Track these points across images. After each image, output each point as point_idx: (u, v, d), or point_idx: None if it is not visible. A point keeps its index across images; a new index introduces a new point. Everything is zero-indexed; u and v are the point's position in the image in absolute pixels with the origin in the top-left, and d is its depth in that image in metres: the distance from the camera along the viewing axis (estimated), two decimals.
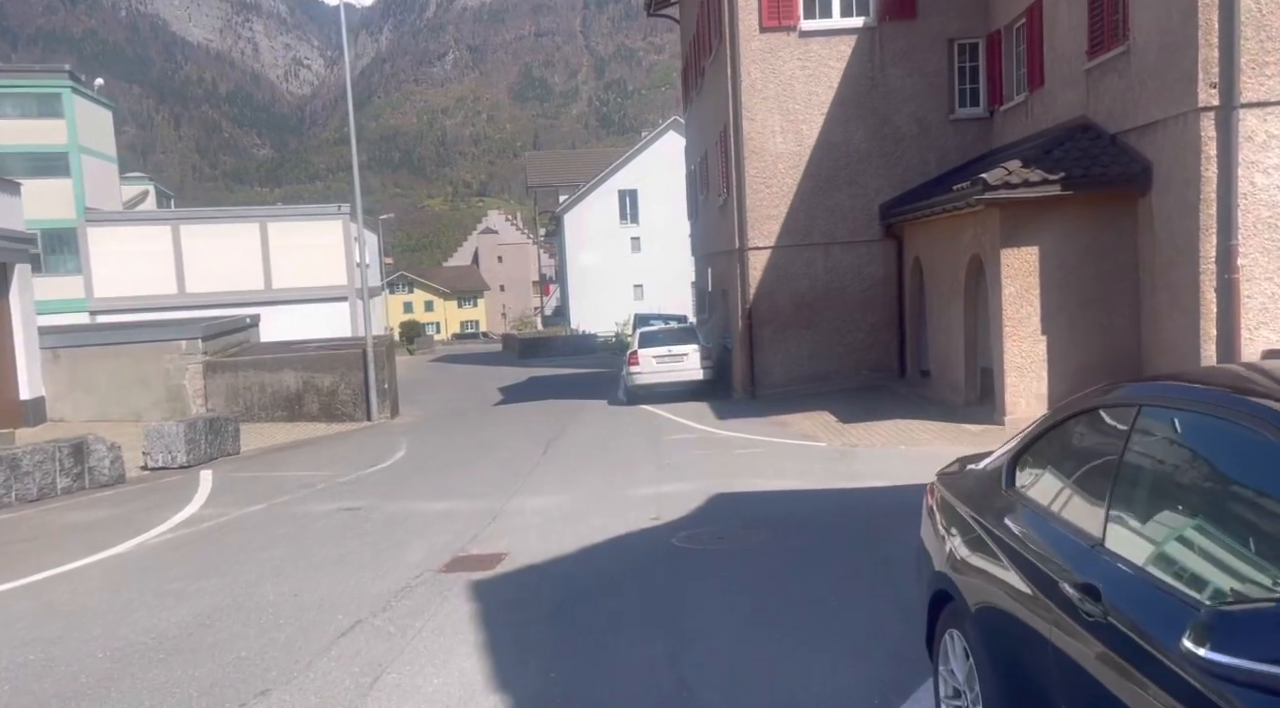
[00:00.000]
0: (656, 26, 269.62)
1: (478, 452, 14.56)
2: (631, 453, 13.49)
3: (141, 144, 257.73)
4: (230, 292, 41.27)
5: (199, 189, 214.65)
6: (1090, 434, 3.29)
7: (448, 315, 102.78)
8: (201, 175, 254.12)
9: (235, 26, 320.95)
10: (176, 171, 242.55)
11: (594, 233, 57.38)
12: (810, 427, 15.38)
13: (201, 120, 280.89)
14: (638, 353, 20.91)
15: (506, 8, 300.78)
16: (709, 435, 15.11)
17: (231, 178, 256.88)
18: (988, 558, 3.34)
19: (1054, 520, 3.11)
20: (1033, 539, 3.12)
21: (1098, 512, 2.87)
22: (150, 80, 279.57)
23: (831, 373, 19.62)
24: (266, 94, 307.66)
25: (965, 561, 3.51)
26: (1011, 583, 3.10)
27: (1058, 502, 3.20)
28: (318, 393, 20.21)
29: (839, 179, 19.27)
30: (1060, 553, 2.92)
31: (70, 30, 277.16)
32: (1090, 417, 3.33)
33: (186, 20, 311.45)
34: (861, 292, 19.53)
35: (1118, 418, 3.09)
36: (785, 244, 19.39)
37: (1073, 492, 3.15)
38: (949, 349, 16.25)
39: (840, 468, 11.42)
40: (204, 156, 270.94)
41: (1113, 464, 2.90)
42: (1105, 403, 3.27)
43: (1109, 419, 3.18)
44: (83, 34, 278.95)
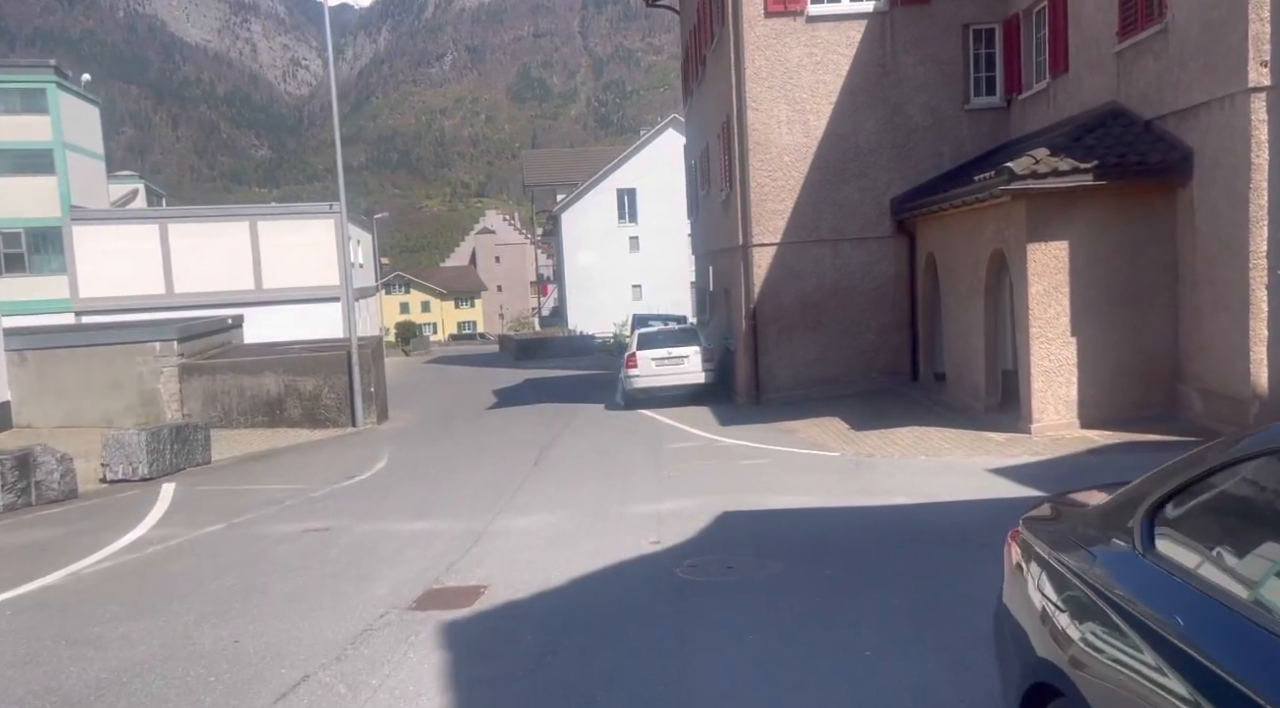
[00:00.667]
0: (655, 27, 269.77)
1: (465, 462, 13.58)
2: (629, 463, 12.51)
3: (139, 145, 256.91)
4: (220, 292, 40.33)
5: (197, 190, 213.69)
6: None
7: (445, 316, 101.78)
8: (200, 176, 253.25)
9: (233, 27, 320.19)
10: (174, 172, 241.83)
11: (592, 232, 56.44)
12: (820, 434, 14.39)
13: (199, 121, 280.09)
14: (636, 355, 19.92)
15: (505, 8, 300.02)
16: (712, 444, 14.13)
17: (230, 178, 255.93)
18: (1131, 656, 2.34)
19: (1245, 611, 2.12)
20: (1210, 639, 2.13)
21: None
22: (148, 81, 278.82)
23: (840, 377, 18.64)
24: (265, 95, 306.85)
25: (1090, 653, 2.52)
26: (1178, 701, 2.11)
27: (1242, 584, 2.20)
28: (300, 397, 19.23)
29: (848, 172, 18.30)
30: (1263, 667, 1.94)
31: (68, 31, 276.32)
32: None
33: (184, 21, 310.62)
34: (872, 291, 18.55)
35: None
36: (791, 240, 18.41)
37: (1268, 572, 2.16)
38: (967, 352, 15.27)
39: (857, 481, 10.43)
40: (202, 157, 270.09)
41: None
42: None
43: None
44: (81, 34, 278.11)
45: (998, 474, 10.30)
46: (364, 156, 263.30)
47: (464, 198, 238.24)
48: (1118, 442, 11.66)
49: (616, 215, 57.27)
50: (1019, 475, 10.12)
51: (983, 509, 8.84)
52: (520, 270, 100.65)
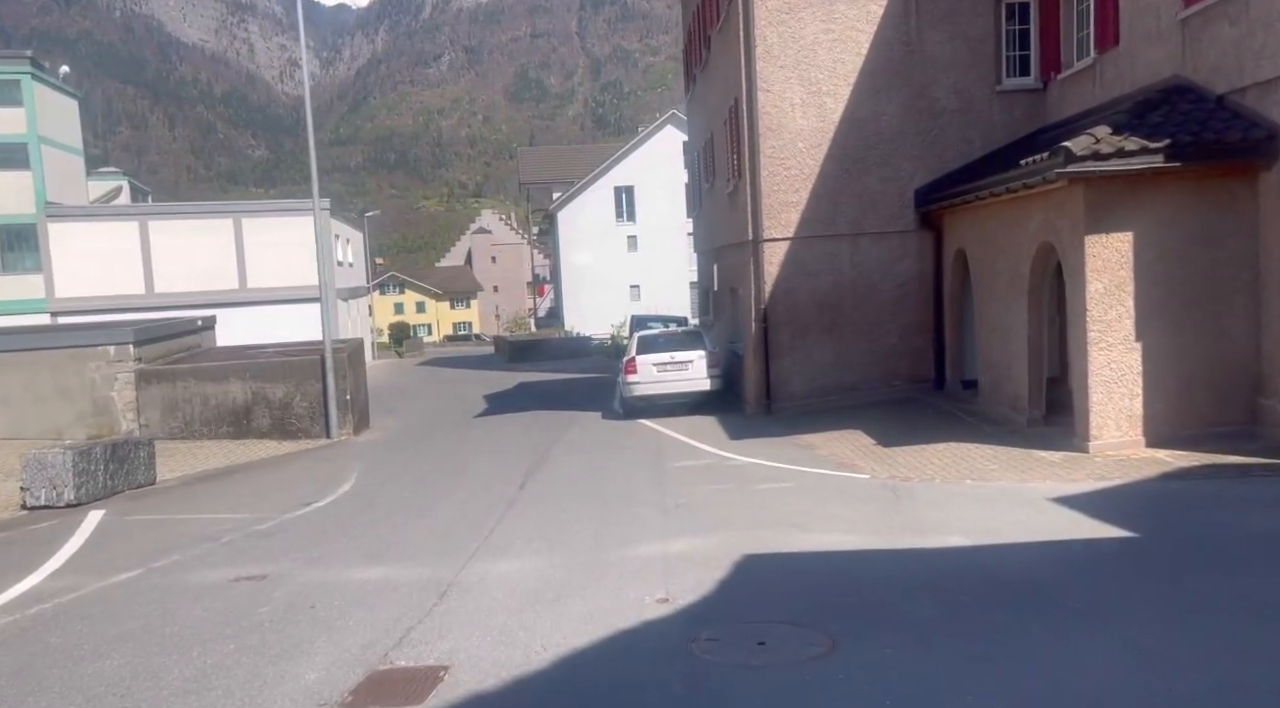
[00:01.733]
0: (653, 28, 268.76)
1: (442, 483, 11.96)
2: (630, 487, 10.90)
3: (136, 145, 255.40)
4: (202, 292, 38.74)
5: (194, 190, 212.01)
6: None
7: (440, 317, 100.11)
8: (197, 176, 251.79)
9: (230, 27, 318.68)
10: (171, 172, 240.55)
11: (589, 231, 54.88)
12: (843, 451, 12.79)
13: (196, 121, 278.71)
14: (635, 359, 18.29)
15: (502, 9, 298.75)
16: (723, 462, 12.52)
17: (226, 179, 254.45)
18: None
19: None
20: None
21: None
22: (145, 81, 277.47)
23: (858, 384, 17.04)
24: (262, 95, 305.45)
25: None
26: None
27: None
28: (269, 406, 17.60)
29: (868, 160, 16.70)
30: None
31: (65, 31, 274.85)
32: None
33: (181, 21, 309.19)
34: (893, 290, 16.95)
35: None
36: (806, 235, 16.80)
37: None
38: (1006, 357, 13.67)
39: (900, 513, 8.83)
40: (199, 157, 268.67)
41: None
42: None
43: None
44: (77, 35, 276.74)
45: (1063, 505, 8.70)
46: (361, 157, 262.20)
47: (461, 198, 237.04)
48: (1194, 465, 10.06)
49: (614, 214, 55.71)
50: (1089, 507, 8.52)
51: (1060, 554, 7.25)
52: (517, 271, 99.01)
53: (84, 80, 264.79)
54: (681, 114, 60.17)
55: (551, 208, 57.35)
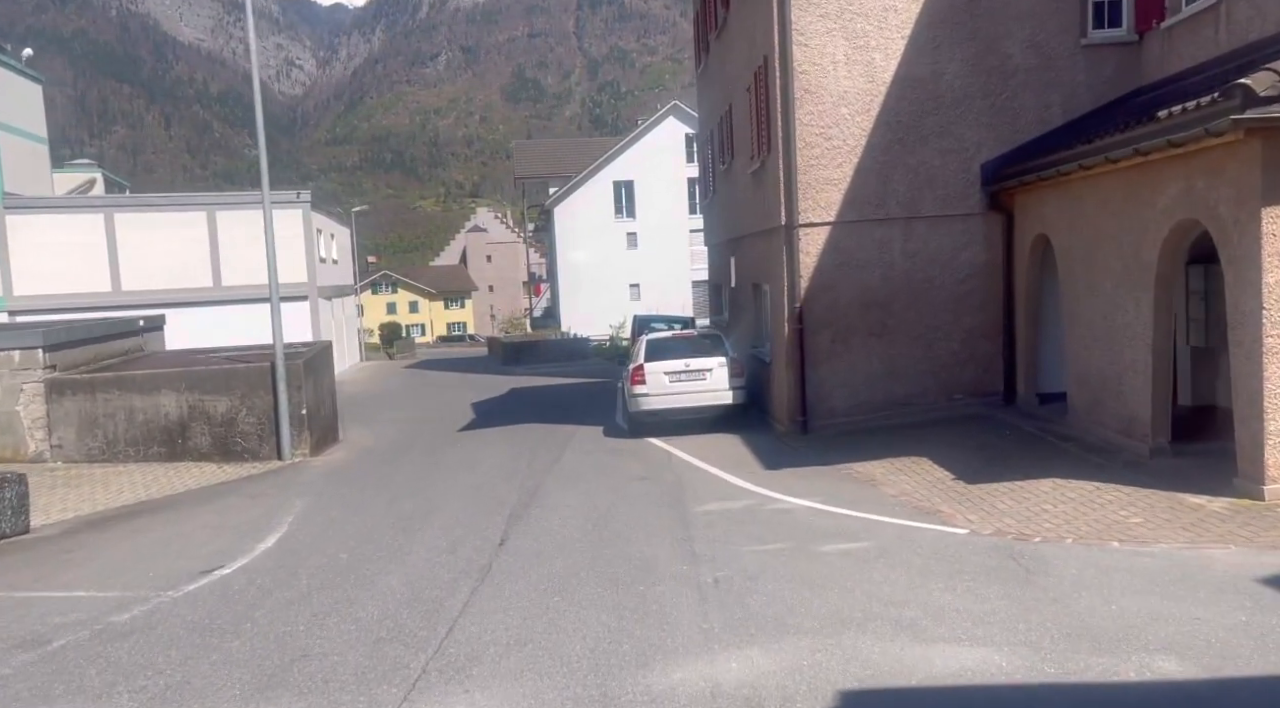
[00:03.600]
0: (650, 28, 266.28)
1: (398, 535, 9.12)
2: (646, 547, 8.07)
3: (132, 144, 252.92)
4: (173, 289, 35.98)
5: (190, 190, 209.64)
6: None
7: (434, 317, 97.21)
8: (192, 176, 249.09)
9: (226, 26, 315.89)
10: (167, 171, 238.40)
11: (587, 228, 52.14)
12: (916, 488, 9.99)
13: (192, 120, 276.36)
14: (644, 368, 15.45)
15: (499, 8, 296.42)
16: (763, 504, 9.69)
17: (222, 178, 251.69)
18: None
19: None
20: None
21: None
22: (141, 80, 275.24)
23: (912, 398, 14.24)
24: None
25: None
26: None
27: None
28: (209, 422, 14.77)
29: (925, 129, 13.91)
30: None
31: (60, 29, 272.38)
32: None
33: (177, 20, 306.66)
34: (954, 285, 14.15)
35: None
36: (850, 219, 14.01)
37: None
38: (1114, 368, 10.86)
39: (1046, 603, 6.02)
40: (195, 157, 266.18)
41: None
42: None
43: None
44: (73, 33, 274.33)
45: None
46: (357, 156, 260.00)
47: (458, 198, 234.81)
48: None
49: (613, 210, 52.96)
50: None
51: None
52: (512, 270, 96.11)
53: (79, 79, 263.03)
54: (684, 106, 57.46)
55: (548, 203, 54.54)
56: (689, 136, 53.17)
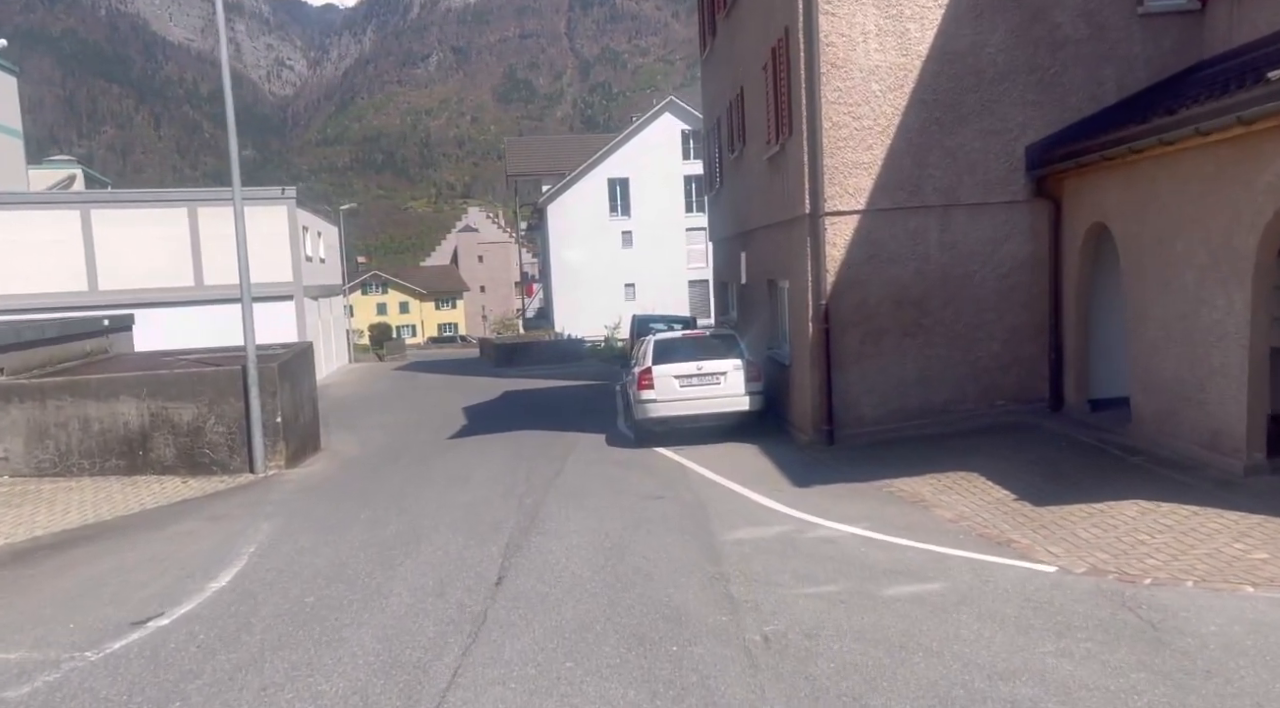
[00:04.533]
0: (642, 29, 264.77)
1: (371, 575, 7.70)
2: (673, 589, 6.71)
3: (121, 144, 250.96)
4: (152, 289, 34.51)
5: None
6: None
7: (425, 317, 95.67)
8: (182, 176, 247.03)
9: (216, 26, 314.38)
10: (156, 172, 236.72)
11: (580, 226, 50.81)
12: (975, 511, 8.66)
13: (182, 121, 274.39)
14: (652, 371, 14.09)
15: (491, 9, 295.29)
16: (803, 531, 8.33)
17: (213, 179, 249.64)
18: None
19: None
20: None
21: None
22: (130, 80, 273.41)
23: (949, 404, 12.91)
24: (249, 95, 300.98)
25: None
26: None
27: None
28: (173, 431, 13.36)
29: (965, 107, 12.60)
30: None
31: (49, 29, 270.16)
32: None
33: (167, 20, 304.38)
34: (996, 280, 12.84)
35: None
36: (881, 207, 12.68)
37: None
38: (1195, 372, 9.54)
39: (1197, 679, 4.69)
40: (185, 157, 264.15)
41: None
42: None
43: None
44: (61, 32, 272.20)
45: None
46: (348, 157, 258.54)
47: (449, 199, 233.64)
48: None
49: (607, 208, 51.64)
50: None
51: None
52: (504, 270, 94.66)
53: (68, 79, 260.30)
54: (680, 101, 56.11)
55: (540, 201, 53.18)
56: (685, 133, 51.89)
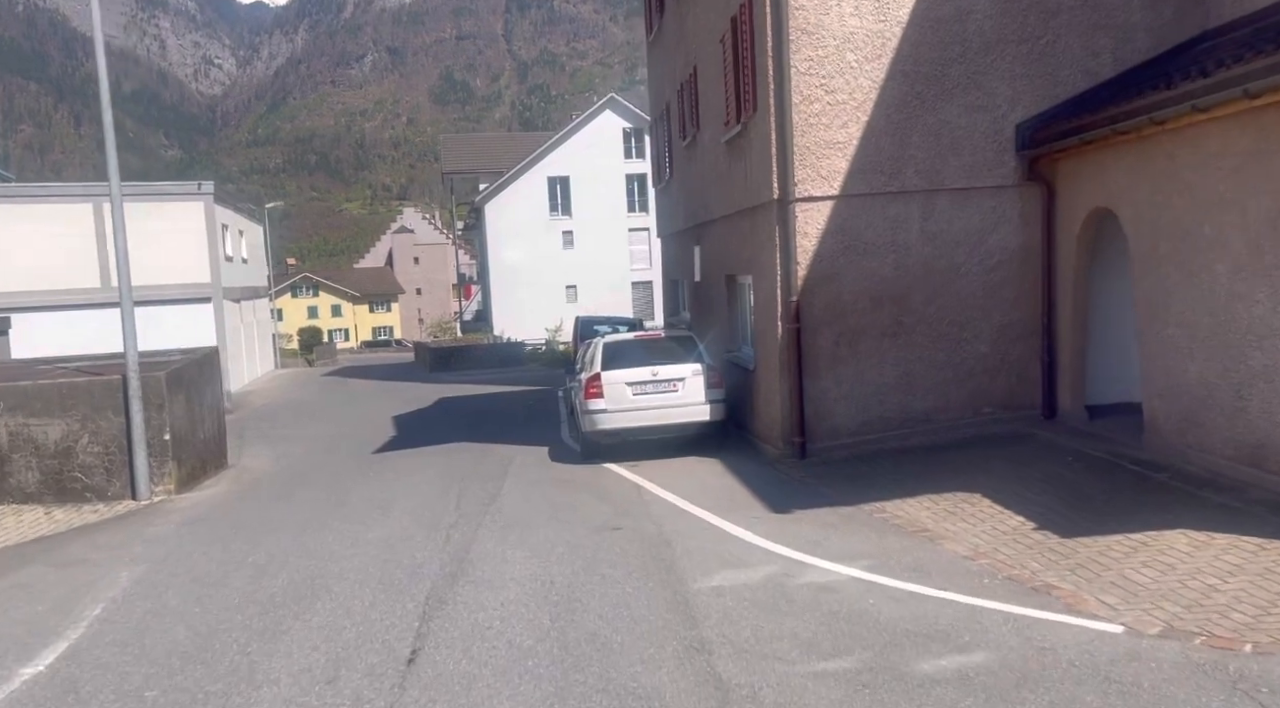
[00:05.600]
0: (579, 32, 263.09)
1: (245, 650, 6.00)
2: (640, 668, 5.16)
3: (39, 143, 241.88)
4: (54, 291, 31.95)
5: None
6: None
7: (358, 321, 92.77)
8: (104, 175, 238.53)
9: (140, 23, 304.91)
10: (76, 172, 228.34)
11: (520, 225, 49.01)
12: (990, 543, 7.26)
13: None
14: (601, 377, 12.52)
15: (426, 10, 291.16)
16: (792, 573, 6.85)
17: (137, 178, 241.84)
18: None
19: None
20: None
21: None
22: (49, 77, 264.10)
23: (933, 413, 11.56)
24: (175, 93, 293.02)
25: None
26: None
27: None
28: (36, 452, 11.43)
29: (949, 80, 11.27)
30: None
31: None
32: None
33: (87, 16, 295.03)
34: (983, 274, 11.53)
35: None
36: (858, 191, 11.29)
37: None
38: (1229, 376, 8.27)
39: None
40: None
41: None
42: None
43: None
44: None
45: None
46: (280, 158, 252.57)
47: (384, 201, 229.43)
48: None
49: (548, 207, 49.93)
50: None
51: None
52: (441, 272, 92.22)
53: None
54: (621, 98, 54.61)
55: (478, 201, 51.26)
56: (627, 131, 50.40)
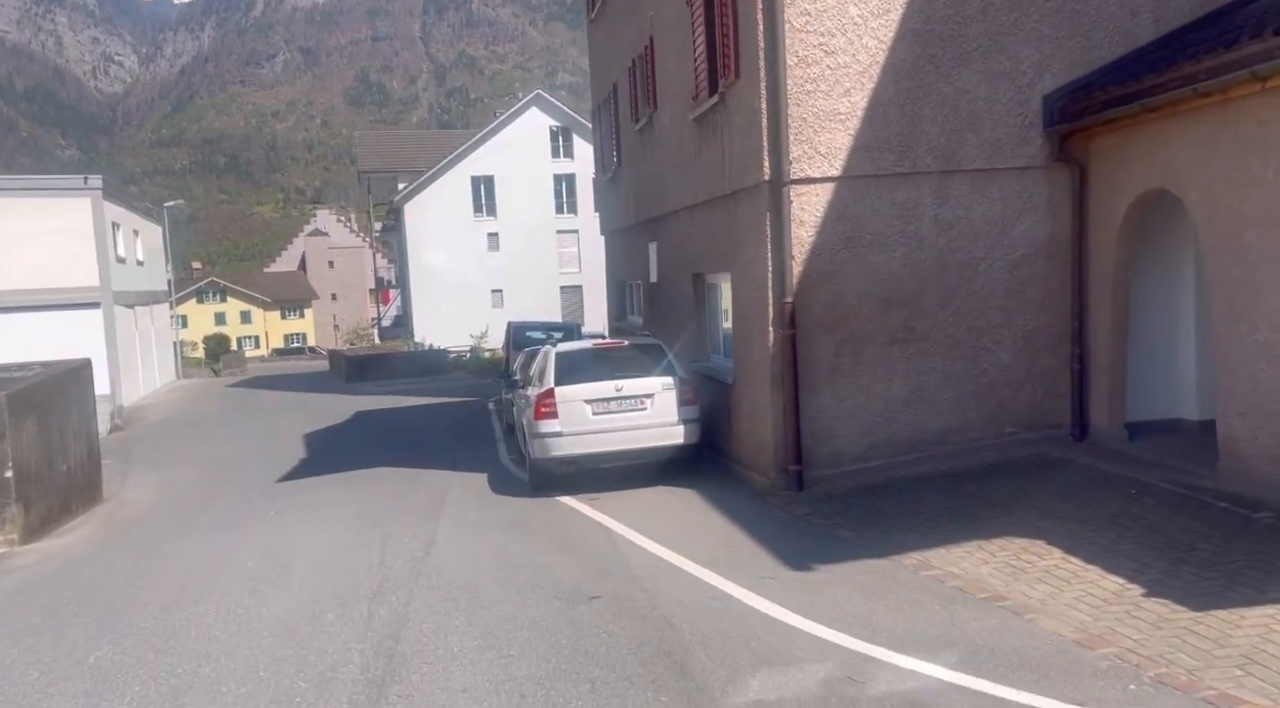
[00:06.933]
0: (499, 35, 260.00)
1: None
2: None
3: None
4: None
5: None
6: None
7: (269, 328, 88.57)
8: None
9: (35, 18, 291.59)
10: None
11: (442, 227, 46.60)
12: (1097, 618, 5.50)
13: None
14: (555, 394, 10.47)
15: (340, 10, 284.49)
16: (854, 672, 4.95)
17: None
18: None
19: None
20: None
21: None
22: None
23: (948, 433, 9.82)
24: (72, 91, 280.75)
25: None
26: None
27: None
28: None
29: (967, 42, 9.57)
30: None
31: None
32: None
33: None
34: (1005, 271, 9.83)
35: None
36: (862, 173, 9.50)
37: None
38: None
39: None
40: None
41: None
42: None
43: None
44: None
45: None
46: (187, 159, 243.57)
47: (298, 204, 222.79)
48: None
49: (471, 208, 47.58)
50: None
51: None
52: (358, 276, 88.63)
53: None
54: (547, 94, 52.48)
55: (397, 200, 48.58)
56: (555, 129, 48.25)
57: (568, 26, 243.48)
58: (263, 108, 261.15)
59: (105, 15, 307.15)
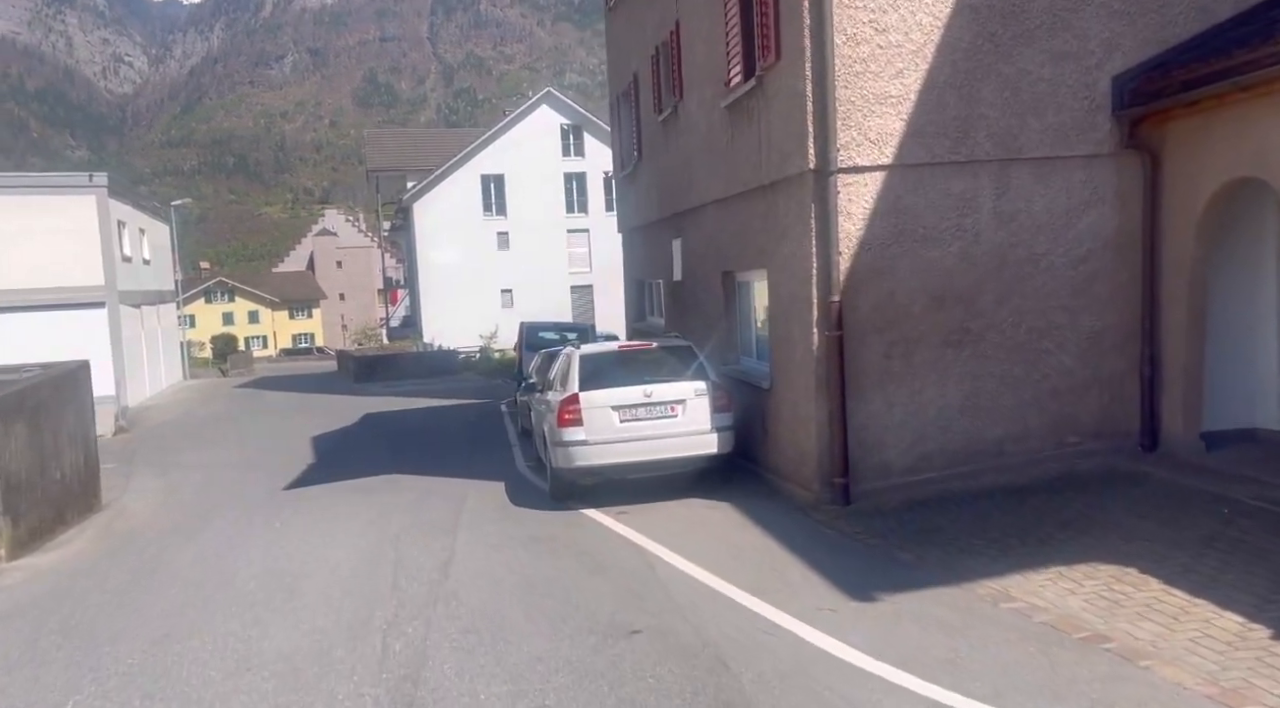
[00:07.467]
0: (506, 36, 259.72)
1: None
2: None
3: None
4: None
5: None
6: None
7: (278, 328, 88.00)
8: None
9: (46, 19, 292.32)
10: None
11: (451, 226, 45.89)
12: (1225, 668, 4.76)
13: (6, 118, 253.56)
14: (580, 399, 9.73)
15: (349, 11, 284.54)
16: None
17: None
18: None
19: None
20: None
21: None
22: None
23: (1004, 443, 9.06)
24: (82, 92, 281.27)
25: None
26: None
27: None
28: None
29: (1029, 19, 8.82)
30: None
31: None
32: None
33: None
34: (1068, 267, 9.08)
35: None
36: (915, 161, 8.75)
37: None
38: None
39: None
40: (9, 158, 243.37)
41: None
42: None
43: None
44: None
45: None
46: (196, 160, 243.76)
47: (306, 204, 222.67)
48: None
49: (481, 206, 46.85)
50: None
51: None
52: (366, 276, 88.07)
53: None
54: (558, 92, 51.79)
55: (406, 199, 47.89)
56: (565, 127, 47.53)
57: (575, 27, 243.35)
58: (271, 108, 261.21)
59: (115, 16, 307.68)
